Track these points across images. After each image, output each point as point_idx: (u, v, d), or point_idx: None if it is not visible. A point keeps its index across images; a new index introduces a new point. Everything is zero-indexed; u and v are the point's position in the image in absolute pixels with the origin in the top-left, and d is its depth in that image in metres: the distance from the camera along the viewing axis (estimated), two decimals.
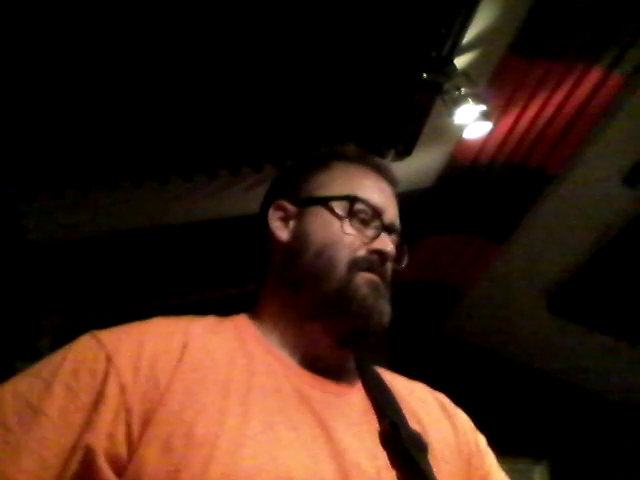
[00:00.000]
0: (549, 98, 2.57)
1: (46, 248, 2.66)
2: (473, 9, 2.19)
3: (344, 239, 0.79)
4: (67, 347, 0.68)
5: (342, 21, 2.13)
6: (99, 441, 0.60)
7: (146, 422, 0.62)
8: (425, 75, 2.37)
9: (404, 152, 2.78)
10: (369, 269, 0.78)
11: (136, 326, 0.72)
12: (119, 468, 0.61)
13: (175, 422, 0.62)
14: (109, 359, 0.65)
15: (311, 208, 0.82)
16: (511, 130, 2.73)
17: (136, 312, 3.05)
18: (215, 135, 2.41)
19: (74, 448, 0.61)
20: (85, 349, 0.67)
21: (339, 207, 0.80)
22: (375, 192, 0.83)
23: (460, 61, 2.39)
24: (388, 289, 0.81)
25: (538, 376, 3.87)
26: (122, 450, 0.61)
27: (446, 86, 2.41)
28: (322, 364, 0.77)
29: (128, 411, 0.62)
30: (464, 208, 3.16)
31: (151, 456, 0.60)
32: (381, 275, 0.80)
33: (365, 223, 0.80)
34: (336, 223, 0.79)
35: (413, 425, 0.76)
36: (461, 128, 2.52)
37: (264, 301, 0.82)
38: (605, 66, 2.42)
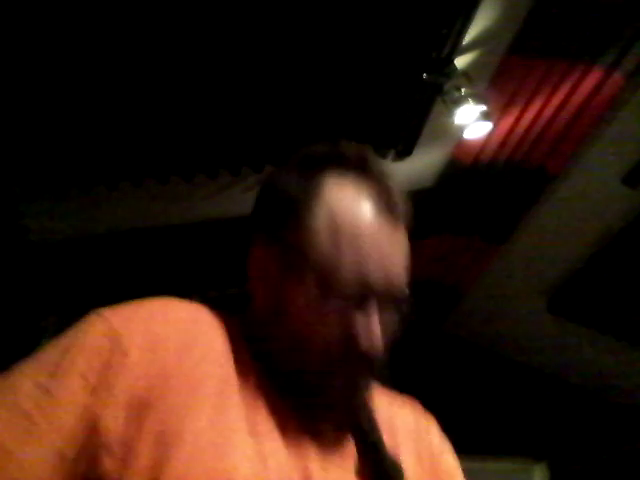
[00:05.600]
0: (549, 98, 2.57)
1: (46, 248, 2.67)
2: (473, 10, 2.19)
3: (325, 324, 0.67)
4: (77, 328, 0.67)
5: (343, 21, 2.13)
6: (104, 419, 0.61)
7: (147, 408, 0.62)
8: (425, 75, 2.38)
9: (404, 152, 2.78)
10: (350, 364, 0.69)
11: (146, 307, 0.70)
12: (114, 448, 0.61)
13: (170, 415, 0.63)
14: (119, 344, 0.64)
15: (296, 264, 0.69)
16: (511, 130, 2.73)
17: None
18: (215, 135, 2.42)
19: (81, 436, 0.61)
20: (95, 333, 0.66)
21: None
22: (374, 253, 0.68)
23: (460, 61, 2.39)
24: (375, 371, 0.72)
25: (538, 376, 3.87)
26: (121, 432, 0.61)
27: (446, 86, 2.41)
28: (306, 392, 0.73)
29: (132, 396, 0.62)
30: (464, 208, 3.16)
31: (144, 445, 0.61)
32: (366, 368, 0.70)
33: (354, 297, 0.68)
34: (320, 301, 0.67)
35: (390, 446, 0.74)
36: (461, 128, 2.52)
37: (252, 322, 0.76)
38: (605, 66, 2.42)
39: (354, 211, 0.69)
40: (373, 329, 0.68)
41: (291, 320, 0.69)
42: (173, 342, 0.67)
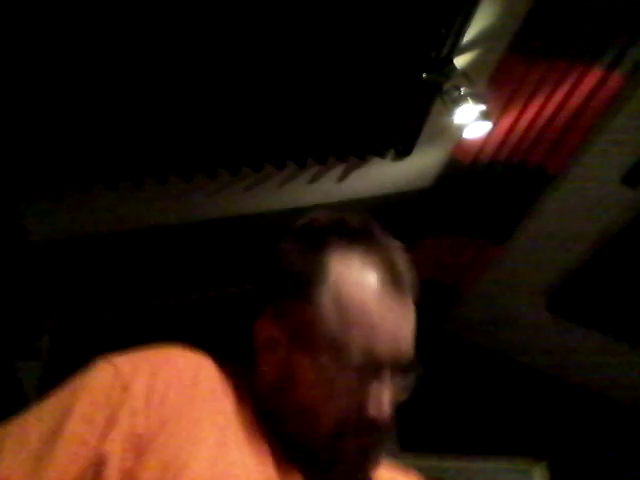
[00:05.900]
0: (549, 98, 2.57)
1: (46, 248, 2.67)
2: (473, 9, 2.20)
3: (334, 397, 0.69)
4: (87, 374, 0.69)
5: (342, 21, 2.13)
6: (108, 459, 0.62)
7: (147, 448, 0.63)
8: (425, 75, 2.38)
9: (404, 152, 2.78)
10: (359, 434, 0.70)
11: (154, 355, 0.72)
12: None
13: (172, 457, 0.63)
14: (125, 388, 0.66)
15: (304, 339, 0.71)
16: (511, 130, 2.73)
17: (136, 312, 3.06)
18: (215, 135, 2.42)
19: (85, 470, 0.62)
20: (103, 379, 0.68)
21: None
22: (382, 327, 0.69)
23: (460, 61, 2.39)
24: (385, 436, 0.72)
25: (538, 376, 3.87)
26: (124, 469, 0.62)
27: (446, 86, 2.41)
28: (314, 459, 0.73)
29: (136, 435, 0.64)
30: (464, 208, 3.16)
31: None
32: (375, 436, 0.71)
33: (363, 370, 0.69)
34: (330, 376, 0.68)
35: None
36: (461, 128, 2.52)
37: (259, 386, 0.76)
38: (605, 66, 2.42)
39: (360, 286, 0.71)
40: (383, 398, 0.69)
41: (300, 393, 0.71)
42: (176, 389, 0.68)
